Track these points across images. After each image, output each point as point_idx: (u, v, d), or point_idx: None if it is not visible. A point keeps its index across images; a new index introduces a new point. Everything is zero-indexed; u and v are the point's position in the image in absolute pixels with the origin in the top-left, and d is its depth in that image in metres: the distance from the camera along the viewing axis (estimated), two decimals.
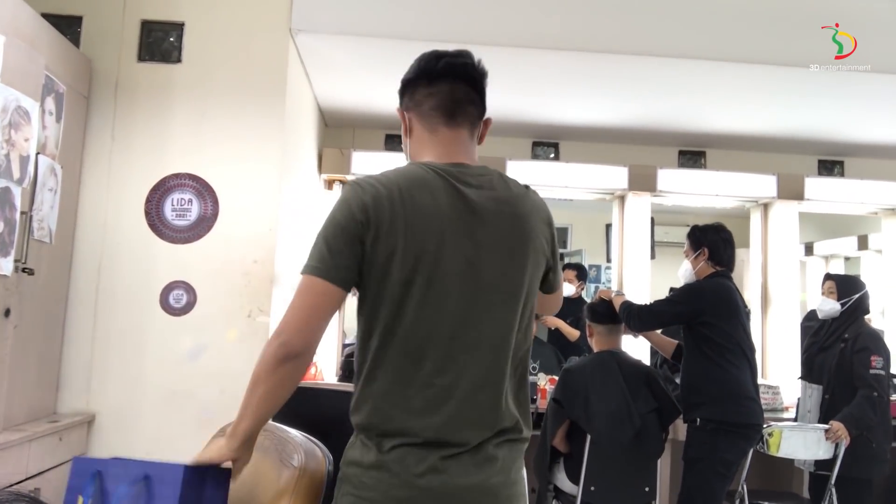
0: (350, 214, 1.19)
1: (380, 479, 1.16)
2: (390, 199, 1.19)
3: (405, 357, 1.18)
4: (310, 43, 3.12)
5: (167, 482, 1.18)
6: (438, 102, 1.30)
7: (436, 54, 1.33)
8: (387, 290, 1.18)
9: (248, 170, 2.92)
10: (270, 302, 2.86)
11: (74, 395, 2.75)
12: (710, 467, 2.76)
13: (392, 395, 1.19)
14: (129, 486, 1.16)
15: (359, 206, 1.19)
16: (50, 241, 2.55)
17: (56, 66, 2.52)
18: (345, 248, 1.19)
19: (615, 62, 3.25)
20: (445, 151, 1.29)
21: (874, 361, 3.11)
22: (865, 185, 4.35)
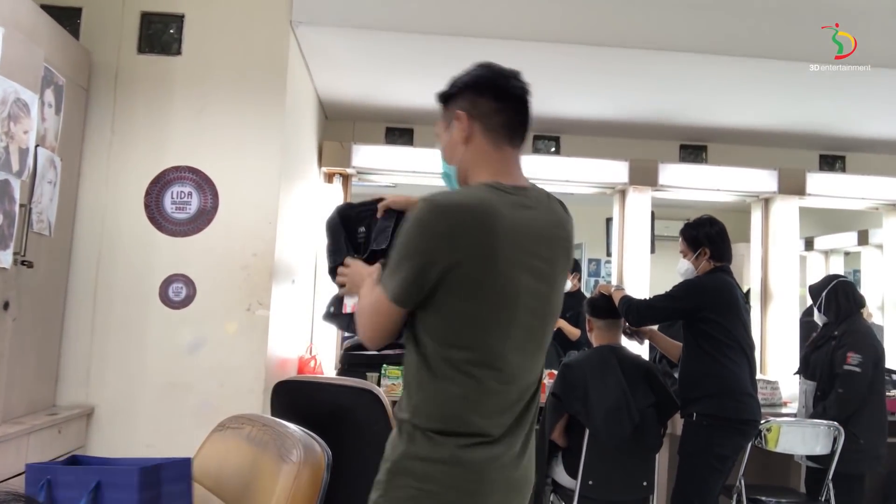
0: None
1: (451, 473, 1.26)
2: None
3: (483, 366, 1.28)
4: (310, 35, 3.11)
5: (122, 487, 1.17)
6: (506, 121, 1.37)
7: (502, 72, 1.42)
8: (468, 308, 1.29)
9: (248, 163, 2.91)
10: (270, 295, 2.86)
11: (73, 387, 2.76)
12: (705, 462, 2.77)
13: (469, 399, 1.28)
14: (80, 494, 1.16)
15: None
16: (49, 234, 2.55)
17: (55, 58, 2.50)
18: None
19: (617, 56, 3.23)
20: (508, 171, 1.37)
21: (849, 358, 3.15)
22: (867, 181, 4.35)
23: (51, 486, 1.19)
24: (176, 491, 1.23)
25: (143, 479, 1.18)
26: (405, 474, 1.27)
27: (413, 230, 1.26)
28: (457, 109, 1.38)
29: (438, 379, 1.27)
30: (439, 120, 1.46)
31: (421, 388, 1.30)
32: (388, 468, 1.30)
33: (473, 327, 1.27)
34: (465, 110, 1.37)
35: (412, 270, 1.25)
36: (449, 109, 1.41)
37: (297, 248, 3.49)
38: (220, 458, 1.49)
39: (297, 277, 3.49)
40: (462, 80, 1.41)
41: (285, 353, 3.33)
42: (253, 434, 1.47)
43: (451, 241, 1.23)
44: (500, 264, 1.25)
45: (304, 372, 3.65)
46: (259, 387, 2.80)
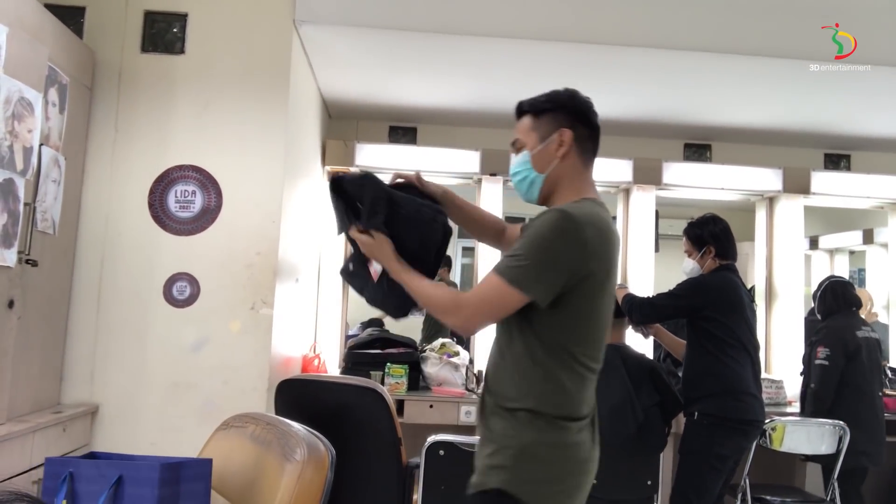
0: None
1: (573, 457, 1.46)
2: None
3: (590, 359, 1.49)
4: (313, 34, 3.11)
5: (143, 482, 1.17)
6: (592, 146, 1.61)
7: (590, 102, 1.62)
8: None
9: (252, 161, 2.91)
10: (273, 294, 2.86)
11: (78, 386, 2.76)
12: (705, 461, 2.74)
13: (579, 387, 1.48)
14: (101, 488, 1.16)
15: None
16: (53, 233, 2.56)
17: (59, 57, 2.51)
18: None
19: (621, 54, 3.22)
20: (593, 189, 1.60)
21: (819, 353, 3.26)
22: (872, 180, 4.33)
23: (73, 480, 1.19)
24: (194, 490, 1.23)
25: (164, 475, 1.18)
26: (533, 460, 1.42)
27: (556, 238, 1.42)
28: (562, 127, 1.55)
29: (556, 368, 1.44)
30: (525, 127, 1.59)
31: (535, 377, 1.44)
32: (514, 454, 1.42)
33: (590, 324, 1.48)
34: (569, 126, 1.55)
35: (558, 275, 1.41)
36: (541, 121, 1.57)
37: (300, 246, 3.50)
38: (223, 456, 1.49)
39: (300, 276, 3.50)
40: (562, 101, 1.58)
41: (289, 351, 3.33)
42: (257, 433, 1.47)
43: (589, 252, 1.42)
44: (613, 272, 1.50)
45: (308, 371, 3.65)
46: (263, 385, 2.81)
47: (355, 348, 3.91)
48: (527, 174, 1.59)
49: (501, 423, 1.46)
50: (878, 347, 3.36)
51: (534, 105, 1.61)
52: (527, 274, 1.41)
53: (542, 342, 1.45)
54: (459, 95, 3.96)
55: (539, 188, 1.59)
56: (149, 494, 1.16)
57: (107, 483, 1.16)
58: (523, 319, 1.46)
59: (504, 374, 1.49)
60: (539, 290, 1.41)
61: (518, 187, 1.62)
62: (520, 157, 1.60)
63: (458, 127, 4.41)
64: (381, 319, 5.64)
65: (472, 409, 3.47)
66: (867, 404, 3.22)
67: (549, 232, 1.42)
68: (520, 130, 1.61)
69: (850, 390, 3.22)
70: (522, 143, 1.60)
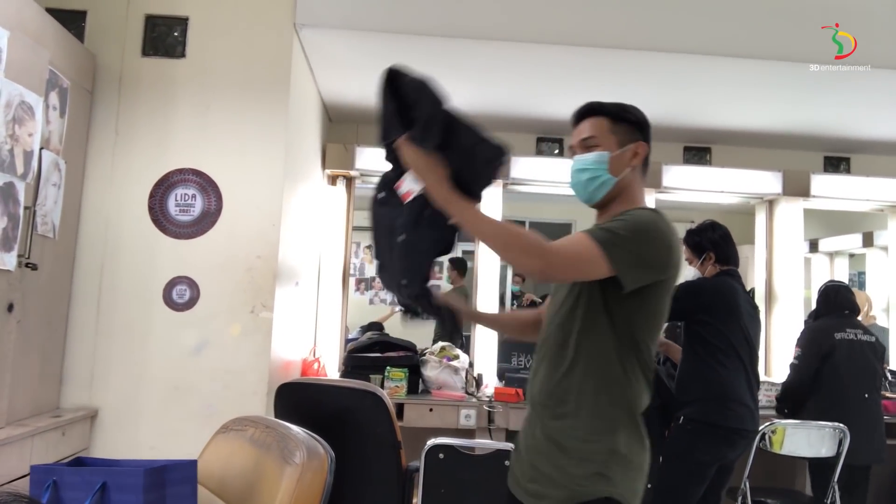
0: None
1: (647, 448, 1.56)
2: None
3: (648, 359, 1.53)
4: (314, 38, 3.11)
5: (127, 488, 1.17)
6: (648, 163, 1.66)
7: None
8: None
9: (252, 165, 2.92)
10: (273, 297, 2.86)
11: (77, 389, 2.76)
12: (685, 467, 2.66)
13: (644, 385, 1.53)
14: (86, 495, 1.16)
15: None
16: (53, 237, 2.56)
17: (60, 61, 2.51)
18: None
19: (619, 57, 3.23)
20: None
21: (795, 352, 3.42)
22: (872, 182, 4.33)
23: (57, 487, 1.19)
24: (181, 493, 1.23)
25: (149, 480, 1.18)
26: (625, 459, 1.48)
27: (653, 231, 1.46)
28: (639, 140, 1.61)
29: (632, 366, 1.47)
30: (603, 128, 1.59)
31: (615, 375, 1.46)
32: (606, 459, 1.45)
33: (657, 326, 1.52)
34: (643, 139, 1.62)
35: (647, 267, 1.43)
36: (620, 128, 1.60)
37: (300, 250, 3.50)
38: (223, 460, 1.49)
39: (300, 279, 3.50)
40: (640, 118, 1.65)
41: (289, 355, 3.33)
42: (256, 436, 1.47)
43: (674, 256, 1.49)
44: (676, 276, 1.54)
45: (308, 374, 3.65)
46: (262, 389, 2.81)
47: (355, 352, 3.91)
48: (601, 174, 1.58)
49: (580, 429, 1.45)
50: (872, 350, 3.35)
51: (615, 111, 1.63)
52: (621, 249, 1.40)
53: (619, 339, 1.46)
54: (459, 98, 3.94)
55: (608, 190, 1.59)
56: (134, 500, 1.16)
57: (91, 490, 1.16)
58: (603, 313, 1.46)
59: (577, 379, 1.47)
60: (626, 271, 1.41)
61: (584, 184, 1.60)
62: (593, 155, 1.58)
63: None
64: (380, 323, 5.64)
65: (472, 412, 3.47)
66: (849, 406, 3.22)
67: (647, 224, 1.46)
68: (596, 129, 1.60)
69: (827, 391, 3.26)
70: (599, 143, 1.60)
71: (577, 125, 1.65)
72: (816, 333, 3.36)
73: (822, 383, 3.28)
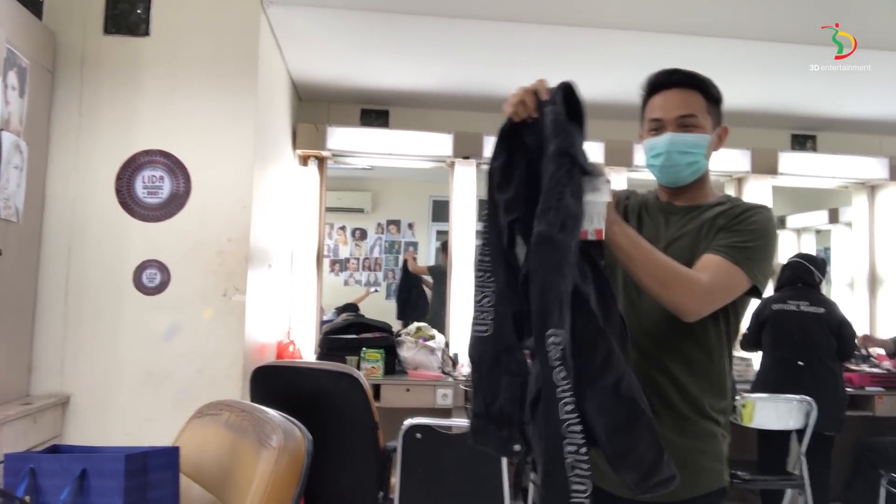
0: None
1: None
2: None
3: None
4: (282, 15, 3.05)
5: (108, 474, 1.15)
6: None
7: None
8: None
9: (221, 146, 2.86)
10: (246, 280, 2.83)
11: (48, 376, 2.71)
12: None
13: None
14: (65, 482, 1.14)
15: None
16: (17, 221, 2.49)
17: (18, 40, 2.43)
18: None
19: (598, 36, 3.23)
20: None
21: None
22: (837, 160, 4.42)
23: (34, 475, 1.17)
24: (162, 479, 1.22)
25: (130, 466, 1.16)
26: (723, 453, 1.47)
27: (773, 232, 1.44)
28: (723, 124, 1.53)
29: (728, 367, 1.47)
30: (701, 106, 1.48)
31: (724, 376, 1.45)
32: (718, 453, 1.44)
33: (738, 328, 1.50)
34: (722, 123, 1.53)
35: (771, 269, 1.43)
36: (713, 108, 1.49)
37: (273, 232, 3.46)
38: (198, 444, 1.48)
39: (273, 262, 3.46)
40: (722, 97, 1.52)
41: (263, 338, 3.31)
42: (231, 420, 1.45)
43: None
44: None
45: (283, 357, 3.63)
46: (237, 373, 2.78)
47: (330, 333, 3.90)
48: (699, 160, 1.48)
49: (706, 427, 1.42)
50: (818, 321, 3.46)
51: (710, 89, 1.50)
52: (759, 263, 1.38)
53: (727, 341, 1.45)
54: (432, 78, 3.93)
55: (698, 177, 1.51)
56: (115, 486, 1.14)
57: (70, 477, 1.14)
58: (722, 314, 1.42)
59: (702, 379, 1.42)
60: (763, 281, 1.39)
61: (681, 169, 1.47)
62: (695, 137, 1.46)
63: (431, 110, 4.39)
64: (356, 304, 5.63)
65: (449, 391, 3.49)
66: (781, 372, 3.44)
67: (772, 228, 1.44)
68: (696, 107, 1.46)
69: (765, 357, 3.57)
70: (699, 123, 1.47)
71: (661, 92, 1.48)
72: (761, 304, 3.59)
73: (763, 351, 3.58)
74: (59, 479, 1.15)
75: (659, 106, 1.48)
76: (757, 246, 1.39)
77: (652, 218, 1.55)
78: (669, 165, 1.47)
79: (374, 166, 4.79)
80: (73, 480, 1.14)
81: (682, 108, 1.45)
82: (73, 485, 1.14)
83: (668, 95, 1.47)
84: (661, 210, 1.56)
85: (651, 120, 1.50)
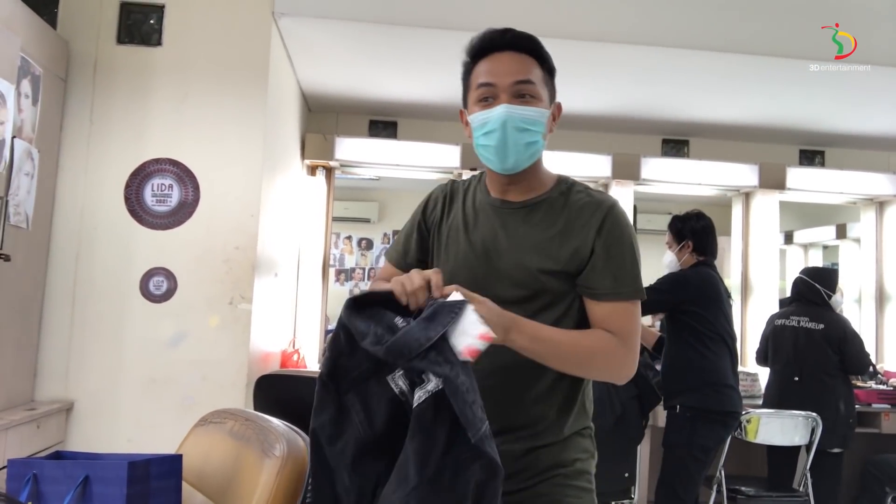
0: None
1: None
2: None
3: None
4: (292, 26, 3.08)
5: (110, 481, 1.15)
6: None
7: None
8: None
9: (230, 155, 2.88)
10: (252, 289, 2.84)
11: (52, 382, 2.72)
12: (689, 453, 2.81)
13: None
14: (68, 488, 1.14)
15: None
16: (27, 227, 2.51)
17: (32, 48, 2.46)
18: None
19: (600, 50, 3.24)
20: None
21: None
22: (845, 176, 4.41)
23: (37, 481, 1.17)
24: (165, 486, 1.22)
25: (132, 473, 1.16)
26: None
27: (633, 231, 1.31)
28: (556, 99, 1.34)
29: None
30: (538, 75, 1.27)
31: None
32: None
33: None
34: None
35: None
36: (549, 80, 1.31)
37: (279, 241, 3.47)
38: (202, 453, 1.48)
39: (279, 270, 3.47)
40: (553, 67, 1.33)
41: (268, 346, 3.31)
42: (235, 429, 1.46)
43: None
44: None
45: (287, 366, 3.63)
46: (241, 381, 2.79)
47: None
48: (538, 140, 1.25)
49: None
50: (818, 337, 3.41)
51: (543, 55, 1.28)
52: (636, 275, 1.27)
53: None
54: (440, 90, 3.95)
55: (535, 161, 1.28)
56: (117, 493, 1.14)
57: (73, 483, 1.15)
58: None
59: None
60: (643, 288, 1.28)
61: (520, 149, 1.23)
62: (535, 111, 1.23)
63: (439, 121, 4.40)
64: None
65: None
66: (780, 387, 3.43)
67: (627, 222, 1.30)
68: (533, 75, 1.24)
69: (769, 372, 3.57)
70: (538, 94, 1.24)
71: (490, 55, 1.25)
72: (769, 320, 3.65)
73: (770, 365, 3.59)
74: (61, 486, 1.15)
75: (489, 70, 1.24)
76: (633, 261, 1.26)
77: (486, 217, 1.32)
78: (505, 145, 1.22)
79: (381, 177, 4.81)
80: (76, 487, 1.14)
81: (518, 73, 1.22)
82: (76, 491, 1.14)
83: (500, 58, 1.24)
84: (493, 209, 1.31)
85: (480, 86, 1.25)
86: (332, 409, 1.08)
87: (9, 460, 1.23)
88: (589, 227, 1.25)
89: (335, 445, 1.07)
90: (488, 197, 1.34)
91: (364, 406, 1.07)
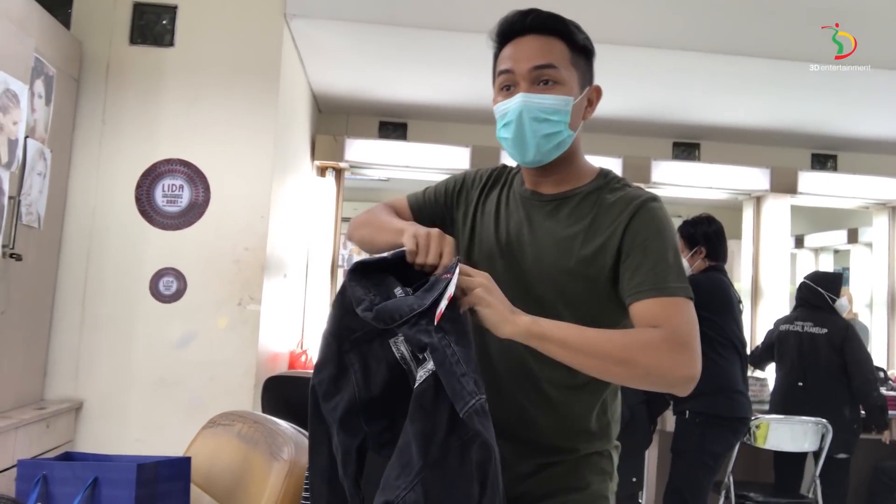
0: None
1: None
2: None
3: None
4: (304, 28, 3.08)
5: (119, 483, 1.16)
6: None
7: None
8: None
9: (241, 156, 2.89)
10: (261, 290, 2.84)
11: (62, 381, 2.74)
12: (698, 459, 2.80)
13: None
14: (77, 489, 1.15)
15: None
16: (38, 227, 2.53)
17: (46, 49, 2.48)
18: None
19: (611, 53, 3.21)
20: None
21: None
22: (857, 180, 4.38)
23: (46, 482, 1.18)
24: (173, 489, 1.22)
25: (141, 475, 1.17)
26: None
27: (673, 229, 1.18)
28: (594, 83, 1.30)
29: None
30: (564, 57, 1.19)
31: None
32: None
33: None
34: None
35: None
36: (580, 61, 1.24)
37: (289, 242, 3.48)
38: (210, 455, 1.49)
39: (288, 272, 3.48)
40: (593, 46, 1.30)
41: (276, 347, 3.32)
42: (244, 431, 1.46)
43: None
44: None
45: (296, 367, 3.64)
46: (250, 382, 2.79)
47: None
48: (561, 129, 1.14)
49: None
50: (822, 342, 3.37)
51: (572, 33, 1.19)
52: (681, 272, 1.11)
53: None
54: (450, 92, 3.95)
55: (562, 153, 1.16)
56: (126, 495, 1.15)
57: (82, 485, 1.15)
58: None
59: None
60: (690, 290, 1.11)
61: (539, 142, 1.14)
62: (555, 100, 1.13)
63: (449, 123, 4.40)
64: None
65: None
66: (784, 392, 3.40)
67: (667, 218, 1.16)
68: (557, 58, 1.14)
69: (776, 378, 3.54)
70: (560, 78, 1.14)
71: (513, 41, 1.17)
72: (772, 326, 3.64)
73: (775, 370, 3.56)
74: (70, 487, 1.16)
75: (510, 56, 1.16)
76: (676, 257, 1.11)
77: (516, 209, 1.23)
78: (523, 137, 1.13)
79: (391, 178, 4.81)
80: (85, 489, 1.15)
81: (537, 58, 1.13)
82: (85, 493, 1.15)
83: (521, 43, 1.15)
84: (523, 201, 1.23)
85: (501, 73, 1.17)
86: (333, 367, 1.07)
87: (18, 461, 1.23)
88: (617, 224, 1.12)
89: (329, 402, 1.06)
90: (522, 188, 1.25)
91: (363, 366, 1.05)
